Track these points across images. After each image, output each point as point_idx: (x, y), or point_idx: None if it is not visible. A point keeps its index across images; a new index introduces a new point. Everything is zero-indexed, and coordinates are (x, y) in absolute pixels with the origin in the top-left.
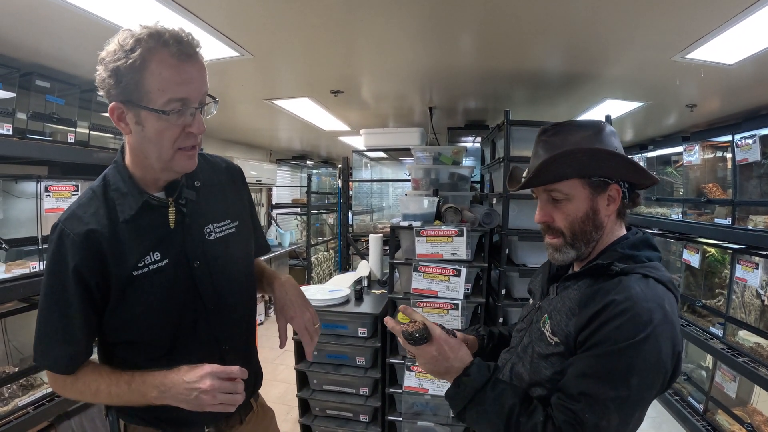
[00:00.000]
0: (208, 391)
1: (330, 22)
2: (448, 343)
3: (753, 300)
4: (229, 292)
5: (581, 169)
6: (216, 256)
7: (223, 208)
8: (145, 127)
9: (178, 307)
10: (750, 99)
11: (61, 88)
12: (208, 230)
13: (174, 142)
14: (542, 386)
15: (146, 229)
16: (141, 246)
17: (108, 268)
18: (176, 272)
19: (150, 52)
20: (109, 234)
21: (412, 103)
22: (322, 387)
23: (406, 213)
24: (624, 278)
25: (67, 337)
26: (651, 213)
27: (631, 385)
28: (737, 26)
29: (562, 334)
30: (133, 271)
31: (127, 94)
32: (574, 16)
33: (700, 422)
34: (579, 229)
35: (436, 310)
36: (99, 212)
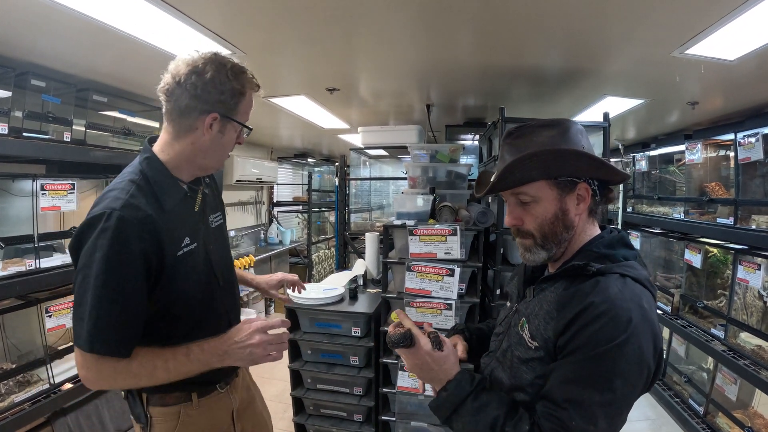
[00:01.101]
0: (258, 344)
1: (324, 18)
2: (431, 356)
3: (755, 301)
4: (229, 271)
5: (546, 170)
6: (218, 240)
7: (216, 202)
8: (224, 134)
9: (203, 283)
10: (753, 96)
11: (56, 87)
12: (211, 219)
13: (231, 149)
14: (524, 391)
15: (182, 215)
16: (180, 231)
17: (164, 250)
18: (200, 253)
19: (250, 87)
20: (161, 221)
21: (410, 101)
22: (316, 386)
23: (400, 211)
24: (601, 279)
25: (130, 319)
26: (653, 212)
27: (615, 388)
28: (737, 20)
29: (541, 339)
30: (177, 252)
31: (225, 109)
32: (572, 11)
33: (700, 425)
34: (549, 230)
35: (429, 310)
36: (149, 201)
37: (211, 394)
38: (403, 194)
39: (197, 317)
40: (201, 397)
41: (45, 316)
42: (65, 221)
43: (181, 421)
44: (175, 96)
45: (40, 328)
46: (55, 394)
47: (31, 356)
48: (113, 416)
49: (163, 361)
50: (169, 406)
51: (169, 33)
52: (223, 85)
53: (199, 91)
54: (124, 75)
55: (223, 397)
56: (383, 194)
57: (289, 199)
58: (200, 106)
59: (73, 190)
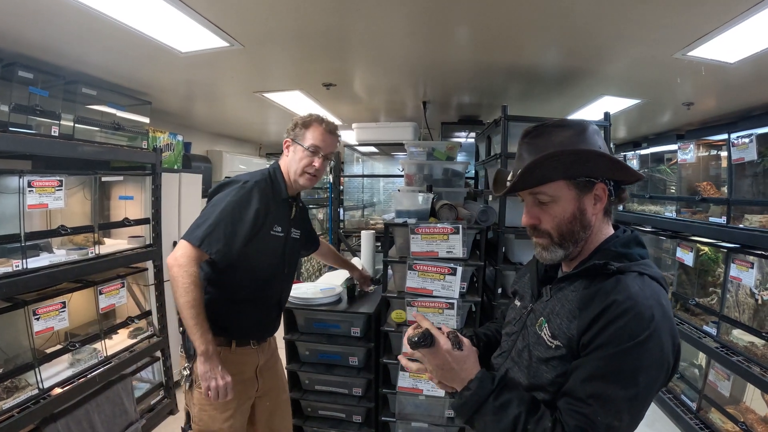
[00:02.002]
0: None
1: (323, 11)
2: (452, 355)
3: (747, 299)
4: (292, 267)
5: (566, 170)
6: (294, 246)
7: (302, 222)
8: (296, 154)
9: (273, 263)
10: (746, 98)
11: (45, 79)
12: (293, 231)
13: (304, 167)
14: (544, 390)
15: (282, 210)
16: (277, 219)
17: (265, 219)
18: (283, 242)
19: (314, 121)
20: (272, 200)
21: (406, 98)
22: (314, 387)
23: (399, 209)
24: (621, 277)
25: (231, 240)
26: (644, 210)
27: (639, 383)
28: (741, 25)
29: (564, 337)
30: (270, 230)
31: (294, 135)
32: (574, 12)
33: (693, 420)
34: (567, 229)
35: (431, 310)
36: (269, 187)
37: (245, 347)
38: (400, 192)
39: (258, 282)
40: (238, 346)
41: (33, 318)
42: (51, 219)
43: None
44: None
45: (27, 331)
46: (45, 399)
47: (19, 360)
48: (104, 421)
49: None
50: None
51: (164, 21)
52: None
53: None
54: (115, 67)
55: (252, 352)
56: (374, 191)
57: None
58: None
59: (61, 187)
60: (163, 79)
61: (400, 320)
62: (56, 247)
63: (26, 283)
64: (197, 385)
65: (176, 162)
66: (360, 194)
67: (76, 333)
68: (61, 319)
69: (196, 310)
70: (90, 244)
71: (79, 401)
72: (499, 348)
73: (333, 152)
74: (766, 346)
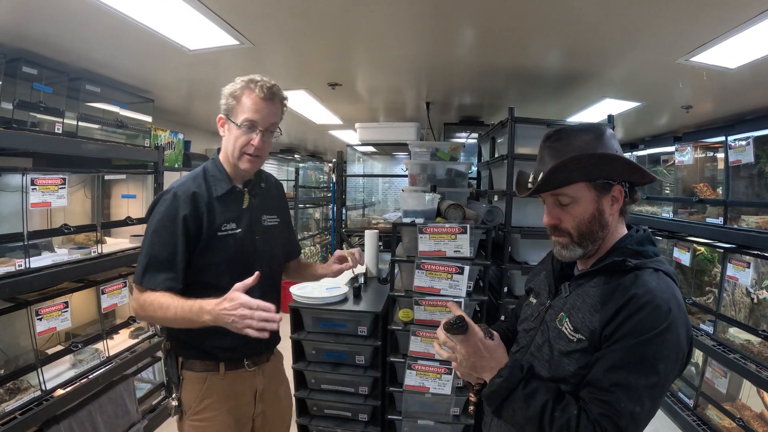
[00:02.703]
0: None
1: (332, 11)
2: (484, 343)
3: (743, 298)
4: (273, 262)
5: (587, 173)
6: (268, 236)
7: (273, 206)
8: (230, 133)
9: (242, 263)
10: (743, 102)
11: (48, 75)
12: (264, 218)
13: (242, 148)
14: (566, 382)
15: (229, 205)
16: (225, 216)
17: (203, 225)
18: (244, 239)
19: (245, 90)
20: (207, 201)
21: (408, 98)
22: (320, 386)
23: (406, 209)
24: (639, 273)
25: (170, 264)
26: (641, 211)
27: (660, 371)
28: (742, 33)
29: (587, 330)
30: (217, 232)
31: (227, 111)
32: (579, 16)
33: (690, 417)
34: (586, 229)
35: (438, 308)
36: (201, 186)
37: (238, 369)
38: (406, 192)
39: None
40: (228, 369)
41: (35, 318)
42: (52, 218)
43: (206, 386)
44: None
45: (30, 332)
46: (48, 401)
47: (21, 361)
48: (106, 421)
49: (174, 308)
50: (198, 372)
51: (174, 17)
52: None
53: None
54: (120, 64)
55: (248, 375)
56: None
57: None
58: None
59: (64, 185)
60: (166, 76)
61: (407, 319)
62: (58, 246)
63: (29, 283)
64: (187, 416)
65: (177, 160)
66: (360, 194)
67: (76, 333)
68: (63, 319)
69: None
70: (92, 243)
71: (82, 402)
72: (516, 344)
73: (276, 123)
74: (762, 343)
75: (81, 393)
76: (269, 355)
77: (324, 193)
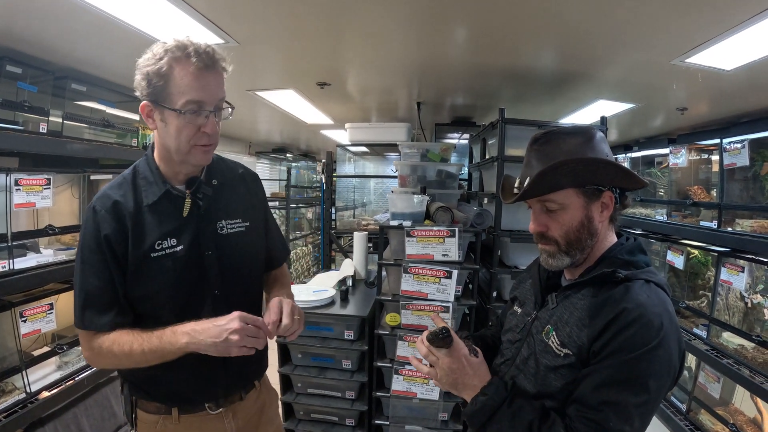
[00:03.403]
0: (238, 330)
1: (320, 9)
2: (467, 359)
3: (737, 302)
4: (235, 283)
5: (576, 178)
6: (226, 248)
7: (235, 207)
8: (168, 124)
9: (187, 289)
10: (739, 104)
11: (33, 74)
12: (221, 225)
13: (190, 139)
14: (553, 398)
15: (166, 215)
16: (160, 230)
17: (128, 242)
18: (189, 258)
19: (175, 62)
20: (133, 212)
21: (399, 98)
22: (307, 390)
23: (394, 212)
24: (629, 285)
25: (111, 298)
26: (635, 213)
27: (650, 389)
28: (739, 34)
29: (574, 346)
30: (150, 253)
31: (154, 95)
32: (573, 16)
33: (683, 422)
34: (574, 237)
35: (426, 313)
36: (127, 194)
37: (198, 413)
38: (395, 194)
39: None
40: (183, 413)
41: (20, 320)
42: (38, 219)
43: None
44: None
45: (14, 334)
46: (32, 403)
47: (5, 364)
48: (92, 424)
49: (139, 344)
50: (150, 414)
51: (156, 16)
52: (148, 67)
53: (136, 84)
54: (105, 62)
55: (213, 419)
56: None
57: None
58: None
59: (49, 186)
60: None
61: (394, 323)
62: (43, 247)
63: (13, 285)
64: None
65: None
66: (351, 194)
67: (63, 335)
68: (48, 321)
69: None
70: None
71: (67, 405)
72: (500, 355)
73: (224, 97)
74: (755, 348)
75: (67, 395)
76: (243, 392)
77: (317, 193)
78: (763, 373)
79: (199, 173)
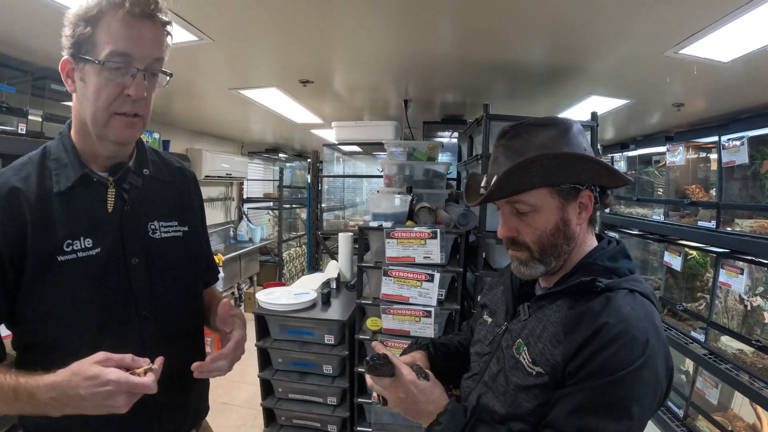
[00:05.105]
0: (117, 382)
1: (301, 4)
2: (416, 386)
3: (736, 305)
4: (169, 301)
5: (549, 176)
6: (157, 256)
7: (171, 207)
8: (86, 82)
9: (106, 307)
10: (737, 100)
11: (11, 75)
12: (153, 227)
13: (109, 104)
14: (523, 420)
15: (81, 207)
16: (72, 226)
17: (26, 240)
18: (108, 265)
19: (107, 4)
20: (36, 201)
21: (387, 96)
22: (288, 396)
23: (376, 212)
24: (611, 295)
25: None
26: (631, 213)
27: (633, 415)
28: (735, 22)
29: (548, 364)
30: (57, 255)
31: (77, 48)
32: (562, 5)
33: (680, 428)
34: (548, 242)
35: (407, 318)
36: (30, 178)
37: None
38: (378, 193)
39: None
40: None
41: None
42: None
43: None
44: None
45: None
46: None
47: None
48: None
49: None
50: None
51: None
52: (77, 12)
53: (64, 38)
54: None
55: None
56: (356, 191)
57: (259, 196)
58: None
59: None
60: None
61: (375, 328)
62: None
63: None
64: None
65: None
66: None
67: None
68: None
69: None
70: None
71: None
72: (469, 369)
73: (161, 59)
74: (755, 353)
75: None
76: None
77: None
78: (762, 379)
79: (126, 159)
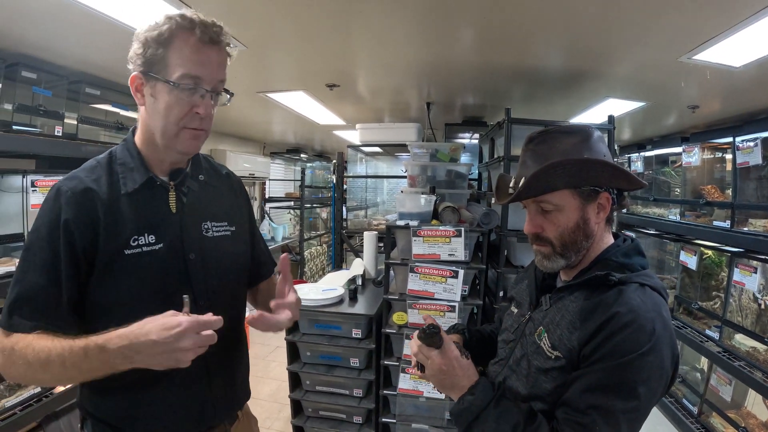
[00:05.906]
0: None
1: (327, 12)
2: (458, 360)
3: (750, 304)
4: (220, 293)
5: (571, 179)
6: (211, 253)
7: (221, 209)
8: (157, 99)
9: (166, 297)
10: (751, 102)
11: (48, 79)
12: (206, 226)
13: (180, 119)
14: (543, 400)
15: (146, 207)
16: (138, 223)
17: (98, 236)
18: (169, 259)
19: (178, 29)
20: (108, 201)
21: (409, 98)
22: (315, 388)
23: (402, 211)
24: (623, 288)
25: (49, 298)
26: (648, 213)
27: (640, 395)
28: (746, 29)
29: (565, 349)
30: (124, 249)
31: (148, 66)
32: (581, 13)
33: (694, 425)
34: (569, 239)
35: (432, 312)
36: (101, 179)
37: None
38: (403, 194)
39: None
40: None
41: None
42: None
43: None
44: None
45: None
46: (47, 397)
47: None
48: None
49: (58, 353)
50: None
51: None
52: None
53: (132, 54)
54: (118, 67)
55: None
56: (377, 191)
57: (281, 195)
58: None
59: None
60: None
61: (401, 322)
62: None
63: None
64: None
65: None
66: (363, 194)
67: None
68: None
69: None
70: None
71: None
72: (496, 355)
73: (224, 80)
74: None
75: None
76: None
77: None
78: None
79: (185, 165)
